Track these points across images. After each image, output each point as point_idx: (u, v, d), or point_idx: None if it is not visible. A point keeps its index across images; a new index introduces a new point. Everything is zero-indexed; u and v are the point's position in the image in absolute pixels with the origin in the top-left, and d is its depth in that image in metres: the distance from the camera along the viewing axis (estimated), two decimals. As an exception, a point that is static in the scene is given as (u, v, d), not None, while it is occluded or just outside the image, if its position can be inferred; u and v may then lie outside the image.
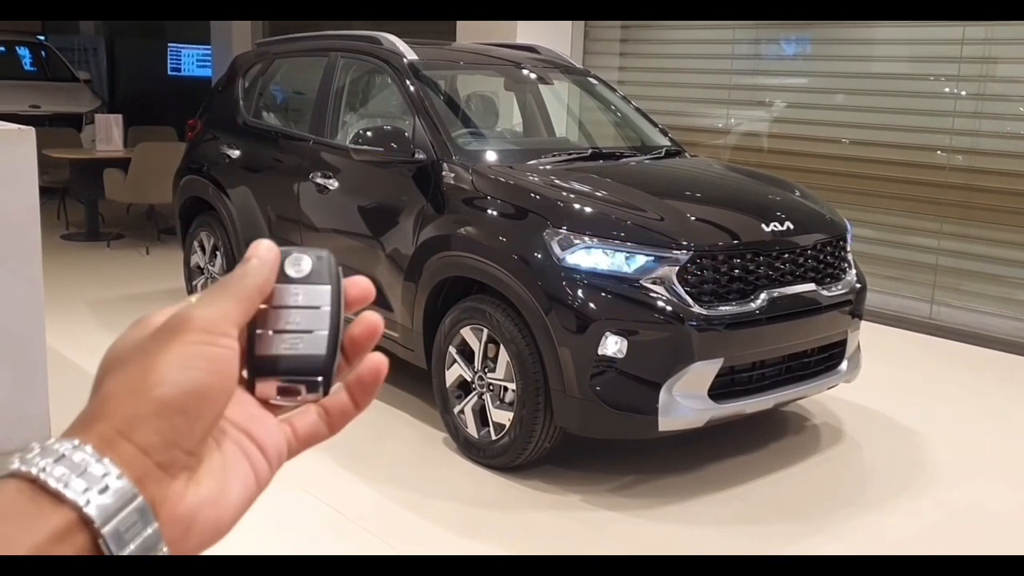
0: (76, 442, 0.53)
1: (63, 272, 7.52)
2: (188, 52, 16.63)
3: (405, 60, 4.85)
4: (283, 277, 0.62)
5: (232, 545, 2.44)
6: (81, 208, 8.97)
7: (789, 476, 4.20)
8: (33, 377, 3.99)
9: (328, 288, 0.62)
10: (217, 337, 0.58)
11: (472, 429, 4.12)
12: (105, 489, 0.52)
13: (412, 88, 4.70)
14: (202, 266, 6.02)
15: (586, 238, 3.79)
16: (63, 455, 0.53)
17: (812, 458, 4.40)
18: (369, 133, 4.48)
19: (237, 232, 5.60)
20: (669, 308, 3.69)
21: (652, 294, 3.71)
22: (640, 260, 3.75)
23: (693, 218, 4.04)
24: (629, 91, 8.62)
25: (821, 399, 5.00)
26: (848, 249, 4.41)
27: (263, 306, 0.62)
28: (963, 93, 6.60)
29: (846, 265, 4.35)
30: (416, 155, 4.46)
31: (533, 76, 5.52)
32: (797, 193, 4.60)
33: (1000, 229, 6.44)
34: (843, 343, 4.31)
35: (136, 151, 8.16)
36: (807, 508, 3.90)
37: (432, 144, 4.46)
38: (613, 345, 3.66)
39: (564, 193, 4.08)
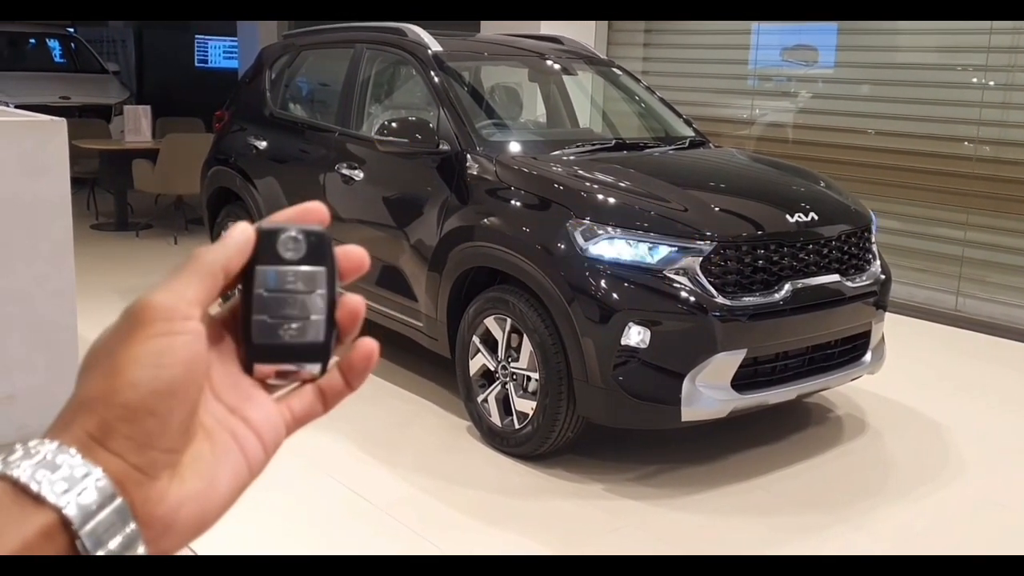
0: (58, 444, 0.53)
1: (94, 261, 7.60)
2: (215, 44, 16.76)
3: (429, 51, 4.87)
4: (277, 259, 0.60)
5: (259, 533, 2.51)
6: (111, 198, 9.07)
7: (812, 467, 4.20)
8: (65, 363, 4.05)
9: (323, 270, 0.60)
10: (178, 323, 0.56)
11: (495, 418, 4.16)
12: (84, 491, 0.52)
13: (436, 79, 4.73)
14: (229, 256, 6.07)
15: (609, 229, 3.81)
16: (45, 457, 0.52)
17: (835, 449, 4.40)
18: (394, 124, 4.52)
19: (264, 222, 5.64)
20: (692, 299, 3.71)
21: (675, 285, 3.72)
22: (663, 251, 3.76)
23: (717, 209, 4.05)
24: (653, 82, 8.63)
25: (844, 390, 5.00)
26: (873, 240, 4.40)
27: (261, 292, 0.60)
28: (991, 83, 6.55)
29: (871, 256, 4.34)
30: (440, 146, 4.49)
31: (557, 67, 5.53)
32: (822, 184, 4.59)
33: (1027, 220, 6.40)
34: (867, 334, 4.30)
35: (164, 142, 8.24)
36: (830, 499, 3.91)
37: (456, 135, 4.49)
38: (636, 335, 3.68)
39: (587, 184, 4.10)
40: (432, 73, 4.76)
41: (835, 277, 4.07)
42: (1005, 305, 6.53)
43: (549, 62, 5.52)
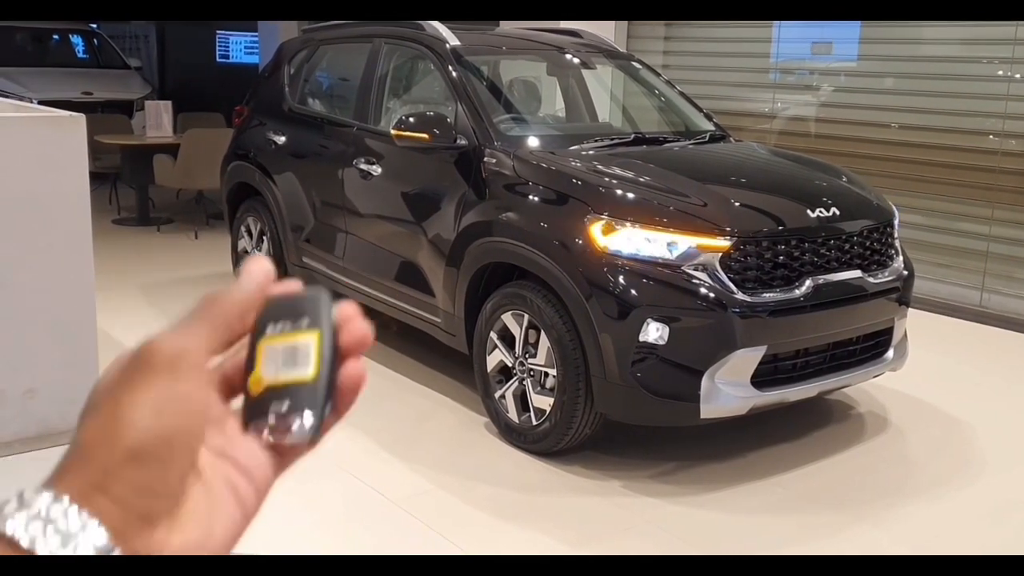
0: (54, 494, 0.51)
1: (115, 256, 7.65)
2: (236, 39, 16.80)
3: (448, 46, 4.85)
4: (276, 321, 0.60)
5: (280, 527, 2.50)
6: (132, 193, 9.11)
7: (832, 465, 4.16)
8: (84, 358, 4.06)
9: (322, 334, 0.60)
10: (184, 372, 0.56)
11: (513, 414, 4.14)
12: (79, 547, 0.50)
13: (454, 74, 4.70)
14: (249, 251, 6.09)
15: (628, 224, 3.78)
16: (40, 511, 0.51)
17: (856, 447, 4.35)
18: (411, 119, 4.50)
19: (283, 217, 5.66)
20: (712, 295, 3.67)
21: (694, 280, 3.68)
22: (682, 246, 3.72)
23: (737, 204, 4.01)
24: (673, 77, 8.57)
25: (866, 387, 4.94)
26: (895, 235, 4.35)
27: (260, 346, 0.60)
28: (1017, 76, 6.45)
29: (893, 252, 4.29)
30: (458, 141, 4.47)
31: (576, 61, 5.50)
32: (844, 179, 4.54)
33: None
34: (889, 331, 4.25)
35: (185, 137, 8.27)
36: (850, 497, 3.87)
37: (474, 129, 4.47)
38: (654, 332, 3.65)
39: (606, 179, 4.07)
40: (450, 67, 4.74)
41: (857, 273, 4.02)
42: (1031, 301, 6.45)
43: (568, 56, 5.48)
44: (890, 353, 4.28)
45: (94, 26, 15.90)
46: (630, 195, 3.95)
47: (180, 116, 9.81)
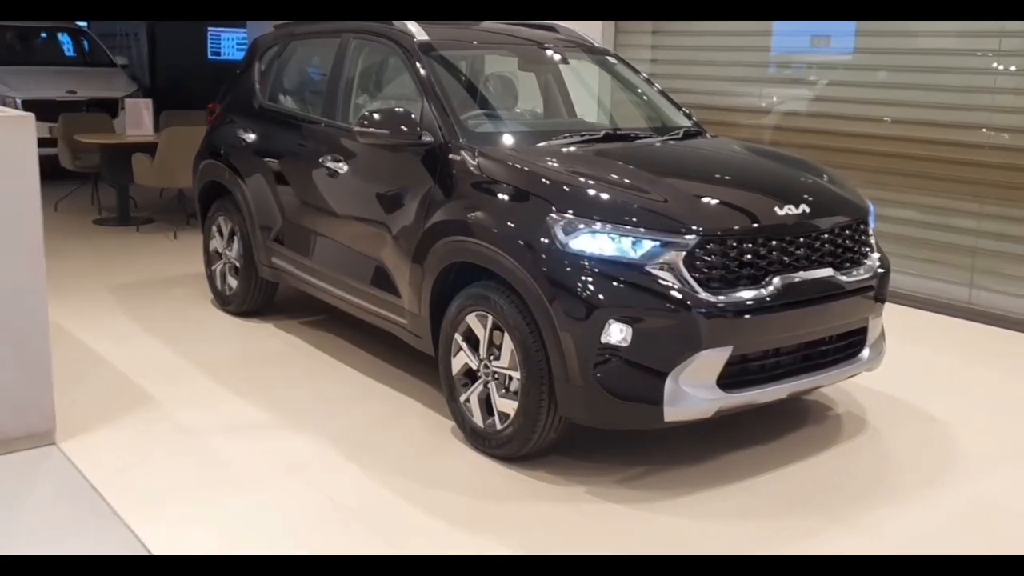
0: None
1: (90, 256, 7.56)
2: (228, 36, 16.69)
3: (415, 40, 4.74)
4: None
5: (221, 536, 2.38)
6: (115, 193, 9.00)
7: (806, 467, 4.05)
8: (36, 363, 3.97)
9: None
10: None
11: (478, 418, 4.03)
12: None
13: (420, 69, 4.59)
14: (220, 251, 5.99)
15: (590, 222, 3.66)
16: None
17: (832, 449, 4.24)
18: (375, 115, 4.39)
19: (252, 217, 5.55)
20: (675, 294, 3.56)
21: (658, 280, 3.57)
22: (645, 245, 3.61)
23: (703, 201, 3.90)
24: (661, 72, 8.47)
25: (845, 387, 4.84)
26: (870, 232, 4.23)
27: None
28: (1004, 68, 6.33)
29: (867, 249, 4.17)
30: (423, 138, 4.36)
31: (548, 55, 5.38)
32: (818, 175, 4.41)
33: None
34: (864, 330, 4.14)
35: (163, 136, 8.17)
36: (823, 501, 3.76)
37: (440, 126, 4.36)
38: (617, 333, 3.54)
39: (569, 176, 3.95)
40: (416, 62, 4.63)
41: (828, 271, 3.91)
42: (1019, 298, 6.32)
43: (541, 51, 5.37)
44: (865, 353, 4.17)
45: (85, 24, 15.82)
46: (593, 193, 3.83)
47: (163, 114, 9.71)
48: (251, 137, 5.67)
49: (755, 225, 3.78)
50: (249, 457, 3.98)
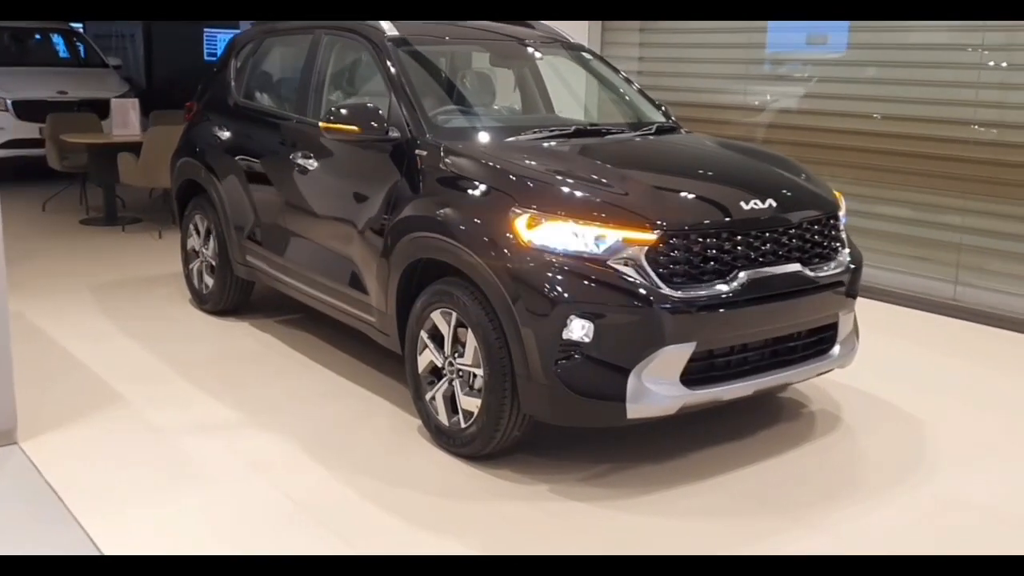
0: None
1: (74, 256, 7.54)
2: (224, 36, 16.67)
3: (385, 35, 4.70)
4: None
5: (178, 533, 2.34)
6: (102, 193, 8.97)
7: (775, 465, 4.00)
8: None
9: None
10: None
11: (443, 416, 3.99)
12: None
13: (389, 64, 4.55)
14: (198, 249, 5.96)
15: (553, 217, 3.62)
16: None
17: (803, 447, 4.19)
18: (341, 110, 4.35)
19: (227, 214, 5.52)
20: (637, 290, 3.51)
21: (619, 275, 3.53)
22: (607, 240, 3.56)
23: (667, 196, 3.86)
24: (649, 71, 8.43)
25: (820, 384, 4.79)
26: (841, 227, 4.18)
27: None
28: (988, 63, 6.27)
29: (838, 244, 4.12)
30: (390, 133, 4.32)
31: (523, 51, 5.34)
32: (790, 169, 4.36)
33: (1027, 205, 6.13)
34: (834, 326, 4.09)
35: (147, 135, 8.14)
36: (789, 500, 3.71)
37: (407, 121, 4.32)
38: (579, 329, 3.50)
39: (532, 171, 3.91)
40: (385, 57, 4.59)
41: (796, 266, 3.86)
42: (1004, 294, 6.27)
43: (516, 46, 5.33)
44: (836, 349, 4.12)
45: (80, 26, 15.82)
46: (556, 188, 3.79)
47: (152, 114, 9.68)
48: (225, 135, 5.64)
49: (720, 220, 3.73)
50: (214, 456, 3.95)
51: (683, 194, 3.91)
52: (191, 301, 6.14)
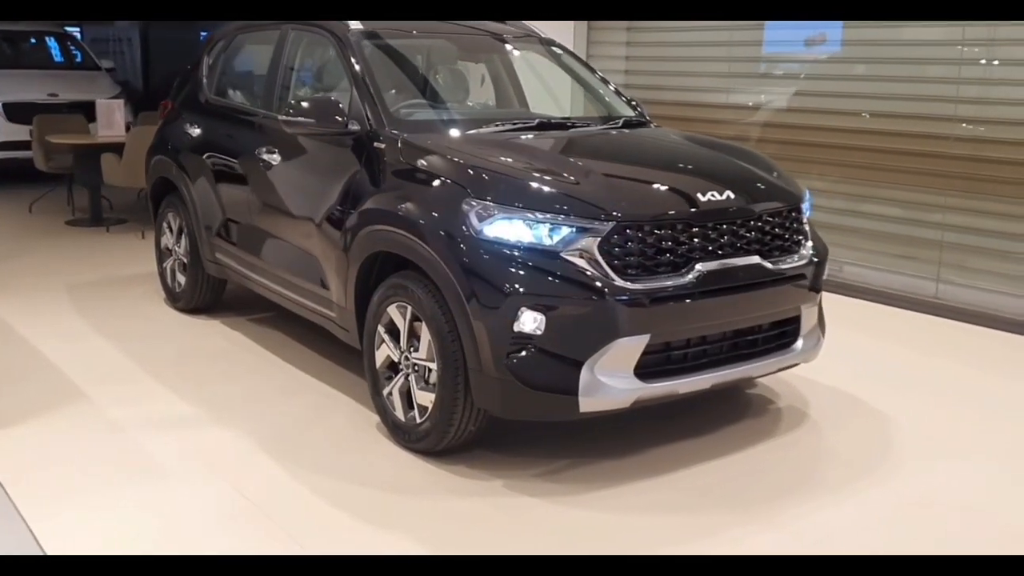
0: None
1: (55, 256, 7.51)
2: (221, 40, 16.67)
3: (348, 30, 4.67)
4: None
5: (125, 532, 2.29)
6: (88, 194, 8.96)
7: (737, 461, 3.95)
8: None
9: None
10: None
11: (400, 412, 3.95)
12: None
13: (351, 57, 4.52)
14: (171, 247, 5.93)
15: (505, 209, 3.58)
16: None
17: (766, 443, 4.14)
18: (304, 104, 4.32)
19: (197, 212, 5.49)
20: (589, 281, 3.46)
21: (572, 266, 3.48)
22: (560, 231, 3.52)
23: (623, 187, 3.81)
24: (634, 71, 8.40)
25: (792, 381, 4.73)
26: (804, 220, 4.12)
27: None
28: (969, 58, 6.21)
29: (800, 237, 4.06)
30: (350, 126, 4.28)
31: (491, 46, 5.30)
32: (754, 161, 4.30)
33: (1008, 202, 6.06)
34: (797, 320, 4.03)
35: (130, 135, 8.13)
36: (746, 496, 3.65)
37: (367, 115, 4.28)
38: (530, 321, 3.45)
39: (486, 163, 3.86)
40: (347, 51, 4.56)
41: (754, 259, 3.80)
42: (986, 292, 6.20)
43: (484, 41, 5.29)
44: (799, 343, 4.06)
45: (75, 30, 15.86)
46: (510, 179, 3.74)
47: (140, 115, 9.68)
48: (196, 132, 5.61)
49: (676, 211, 3.68)
50: (170, 454, 3.91)
51: (640, 185, 3.86)
52: (166, 300, 6.11)
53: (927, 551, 3.24)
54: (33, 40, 12.89)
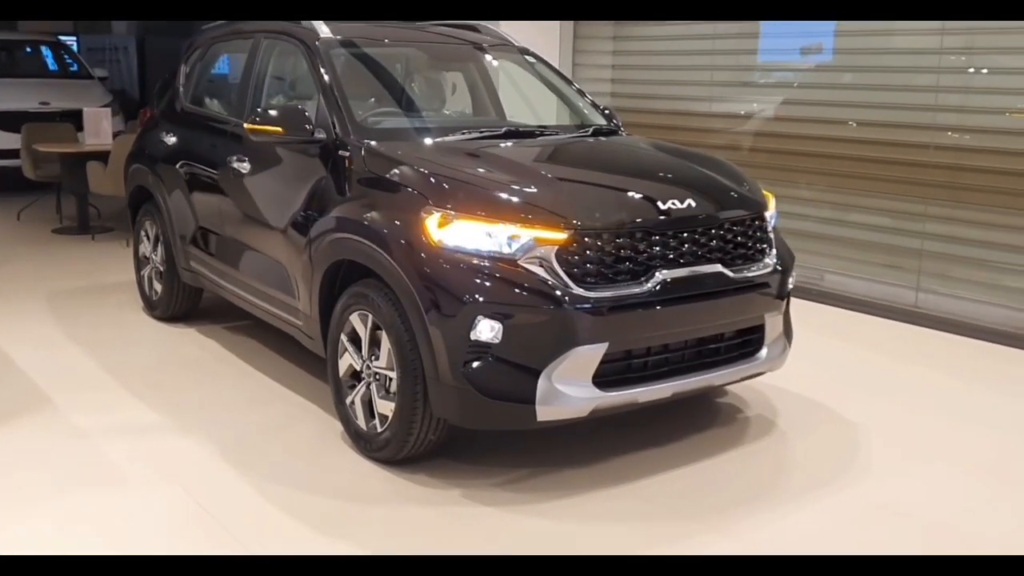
0: None
1: (38, 263, 7.53)
2: (217, 49, 16.72)
3: (318, 37, 4.67)
4: None
5: (75, 537, 2.27)
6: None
7: (700, 470, 3.93)
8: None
9: None
10: None
11: (361, 421, 3.93)
12: None
13: (318, 65, 4.51)
14: (148, 256, 5.93)
15: (465, 217, 3.57)
16: None
17: (732, 451, 4.11)
18: (271, 112, 4.32)
19: (172, 220, 5.49)
20: (547, 290, 3.45)
21: (529, 275, 3.47)
22: (520, 239, 3.50)
23: (583, 195, 3.79)
24: (620, 76, 8.39)
25: (761, 389, 4.72)
26: (768, 228, 4.11)
27: None
28: (947, 66, 6.19)
29: (764, 245, 4.05)
30: (316, 134, 4.27)
31: (464, 54, 5.30)
32: (720, 170, 4.28)
33: (988, 211, 6.04)
34: (761, 328, 4.01)
35: (115, 143, 8.14)
36: (708, 505, 3.63)
37: (333, 123, 4.27)
38: (487, 330, 3.43)
39: (446, 171, 3.85)
40: (315, 59, 4.55)
41: (716, 267, 3.79)
42: (965, 301, 6.17)
43: (456, 49, 5.28)
44: (764, 352, 4.04)
45: (72, 39, 15.93)
46: (470, 188, 3.73)
47: (129, 123, 9.69)
48: (171, 140, 5.61)
49: (635, 219, 3.67)
50: (130, 461, 3.90)
51: (601, 193, 3.85)
52: (144, 308, 6.11)
53: (885, 554, 3.22)
54: (28, 49, 12.94)
